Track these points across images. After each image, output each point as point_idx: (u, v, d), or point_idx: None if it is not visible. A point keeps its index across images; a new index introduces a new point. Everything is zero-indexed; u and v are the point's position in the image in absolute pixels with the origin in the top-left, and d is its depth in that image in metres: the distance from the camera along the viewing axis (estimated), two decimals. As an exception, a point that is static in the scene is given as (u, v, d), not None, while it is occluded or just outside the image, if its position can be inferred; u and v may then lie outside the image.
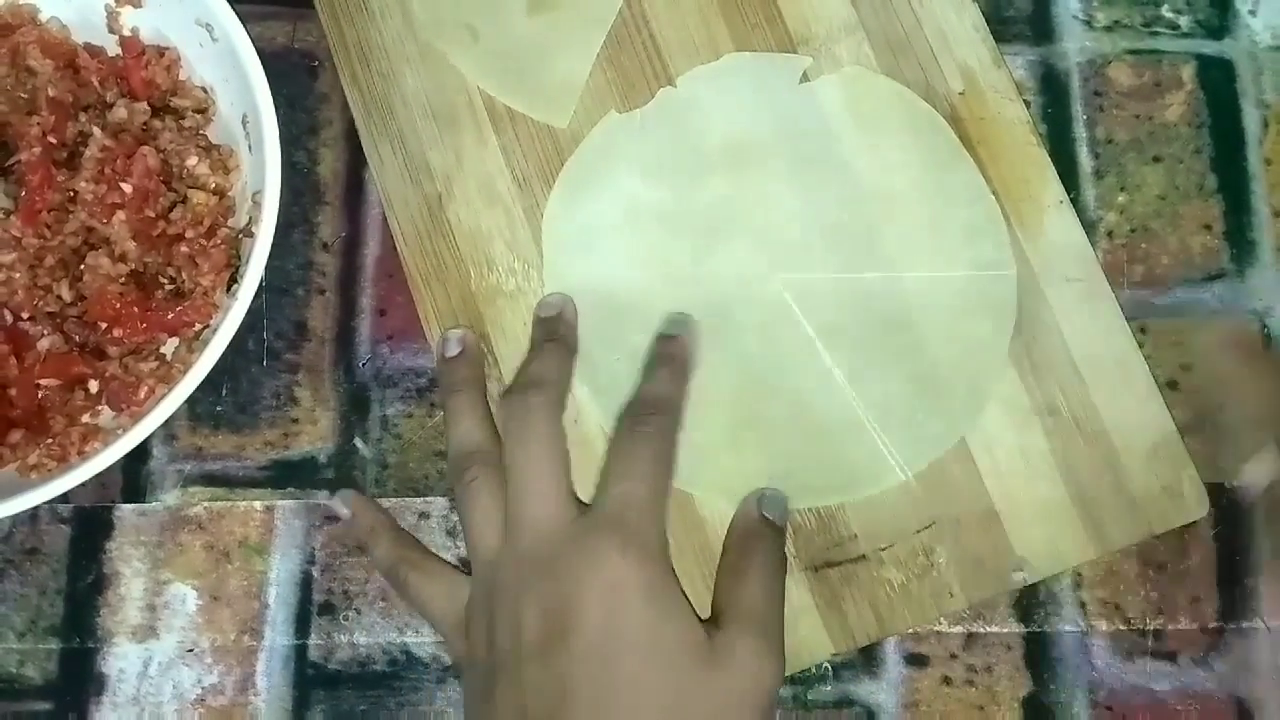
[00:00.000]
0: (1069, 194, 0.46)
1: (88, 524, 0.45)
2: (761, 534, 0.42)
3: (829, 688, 0.44)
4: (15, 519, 0.44)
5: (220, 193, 0.45)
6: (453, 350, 0.44)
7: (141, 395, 0.43)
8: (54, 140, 0.43)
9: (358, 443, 0.45)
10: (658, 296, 0.45)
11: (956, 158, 0.45)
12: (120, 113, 0.44)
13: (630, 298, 0.45)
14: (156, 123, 0.45)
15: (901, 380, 0.44)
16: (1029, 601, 0.44)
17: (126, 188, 0.43)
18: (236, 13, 0.43)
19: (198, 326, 0.44)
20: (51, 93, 0.44)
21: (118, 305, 0.43)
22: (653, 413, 0.42)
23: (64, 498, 0.41)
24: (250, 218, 0.44)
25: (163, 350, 0.44)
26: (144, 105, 0.44)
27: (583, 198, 0.46)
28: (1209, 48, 0.48)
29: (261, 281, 0.41)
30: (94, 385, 0.43)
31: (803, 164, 0.46)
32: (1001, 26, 0.48)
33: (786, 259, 0.45)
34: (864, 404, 0.44)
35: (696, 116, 0.46)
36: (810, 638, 0.43)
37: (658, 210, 0.46)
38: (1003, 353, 0.44)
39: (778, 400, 0.44)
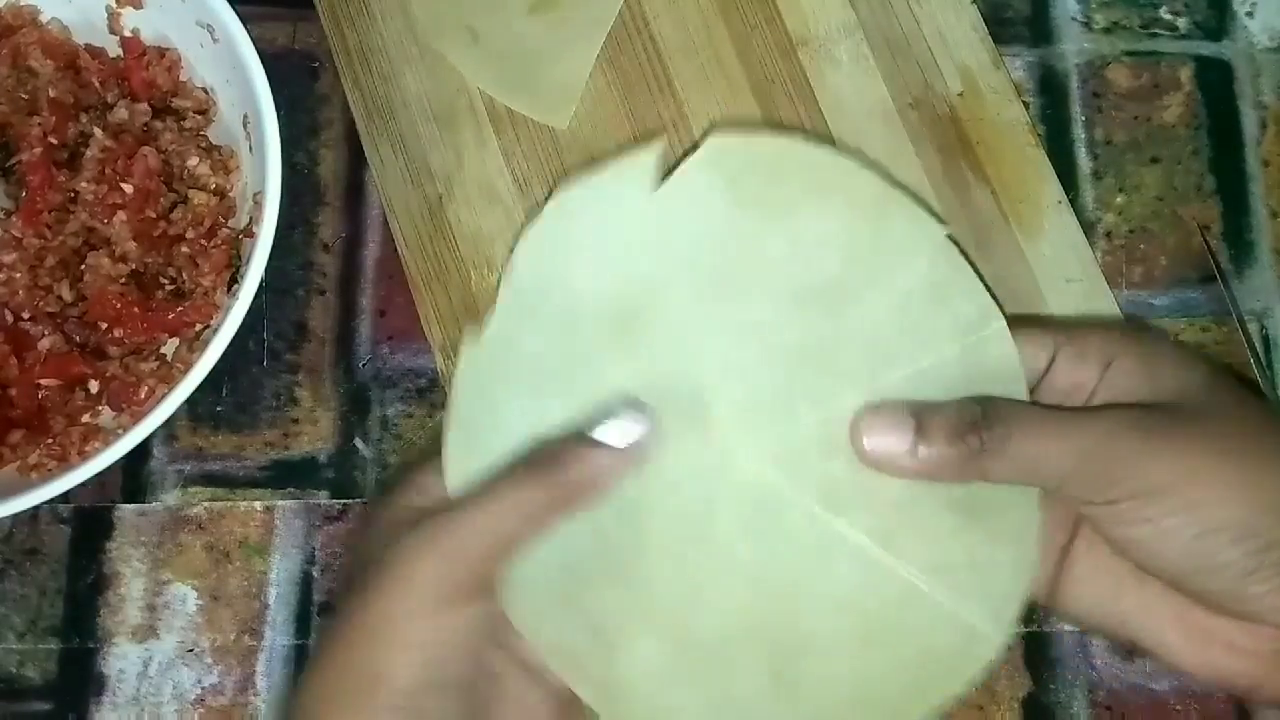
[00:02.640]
0: (1068, 195, 0.46)
1: (88, 524, 0.45)
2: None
3: (829, 688, 0.44)
4: (15, 519, 0.44)
5: (221, 193, 0.45)
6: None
7: (142, 395, 0.43)
8: (55, 141, 0.43)
9: (358, 443, 0.45)
10: (597, 548, 0.35)
11: (883, 197, 0.35)
12: (121, 113, 0.44)
13: (565, 558, 0.35)
14: (157, 123, 0.45)
15: (940, 513, 0.34)
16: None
17: (127, 188, 0.43)
18: (237, 14, 0.43)
19: (198, 327, 0.44)
20: (52, 93, 0.44)
21: (118, 305, 0.43)
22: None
23: (64, 498, 0.41)
24: (251, 218, 0.44)
25: (163, 350, 0.44)
26: (145, 106, 0.45)
27: (480, 443, 0.35)
28: (1207, 49, 0.49)
29: (262, 282, 0.41)
30: (94, 385, 0.43)
31: (706, 287, 0.35)
32: (1000, 28, 0.48)
33: (740, 426, 0.35)
34: (913, 568, 0.34)
35: (553, 288, 0.35)
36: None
37: (563, 429, 0.35)
38: None
39: (816, 612, 0.34)
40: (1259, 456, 0.34)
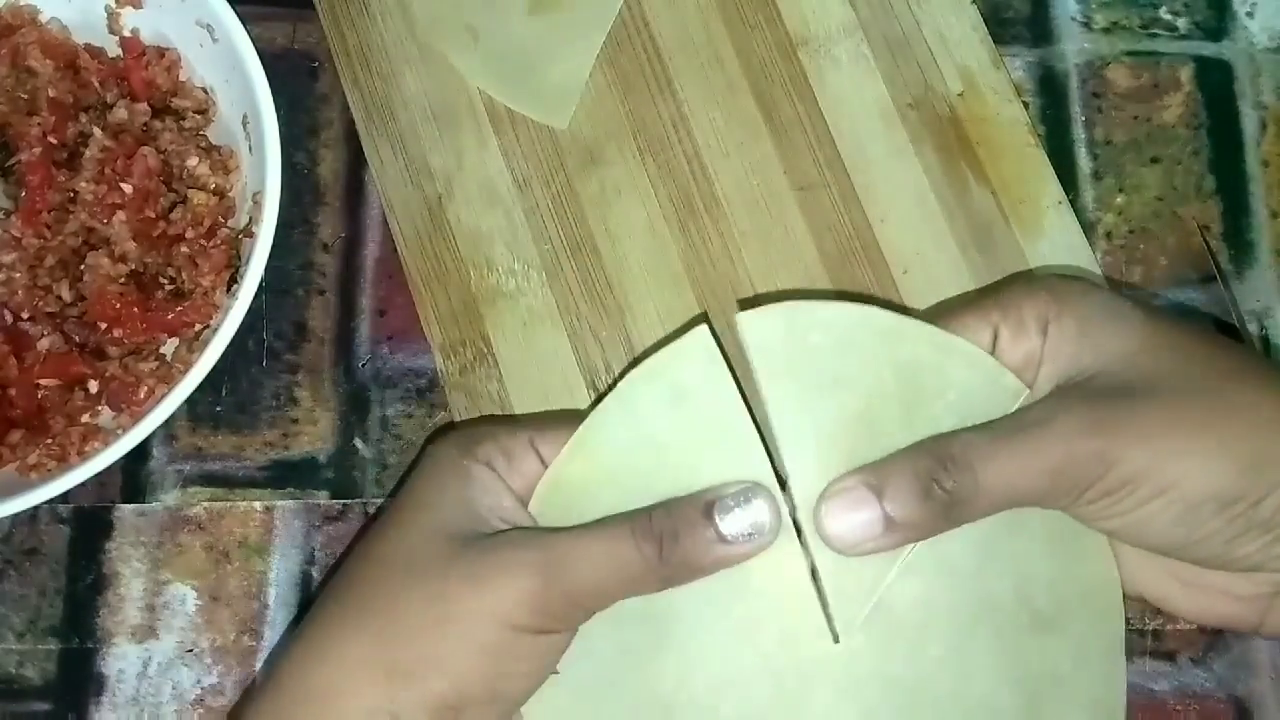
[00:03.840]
0: (1068, 195, 0.46)
1: (87, 524, 0.44)
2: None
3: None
4: (15, 519, 0.44)
5: (220, 193, 0.45)
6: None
7: (141, 395, 0.43)
8: (54, 141, 0.43)
9: (358, 443, 0.45)
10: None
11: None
12: (121, 113, 0.44)
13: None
14: (157, 123, 0.45)
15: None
16: (1028, 602, 0.44)
17: (127, 188, 0.43)
18: (237, 14, 0.43)
19: (198, 327, 0.44)
20: (52, 93, 0.44)
21: (118, 305, 0.43)
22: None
23: (64, 498, 0.41)
24: (250, 218, 0.44)
25: (163, 350, 0.44)
26: (144, 106, 0.45)
27: None
28: (1207, 49, 0.49)
29: (261, 282, 0.41)
30: (94, 385, 0.43)
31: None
32: (1000, 28, 0.48)
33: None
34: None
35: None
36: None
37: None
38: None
39: None
40: (1224, 413, 0.33)
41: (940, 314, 0.37)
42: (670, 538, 0.34)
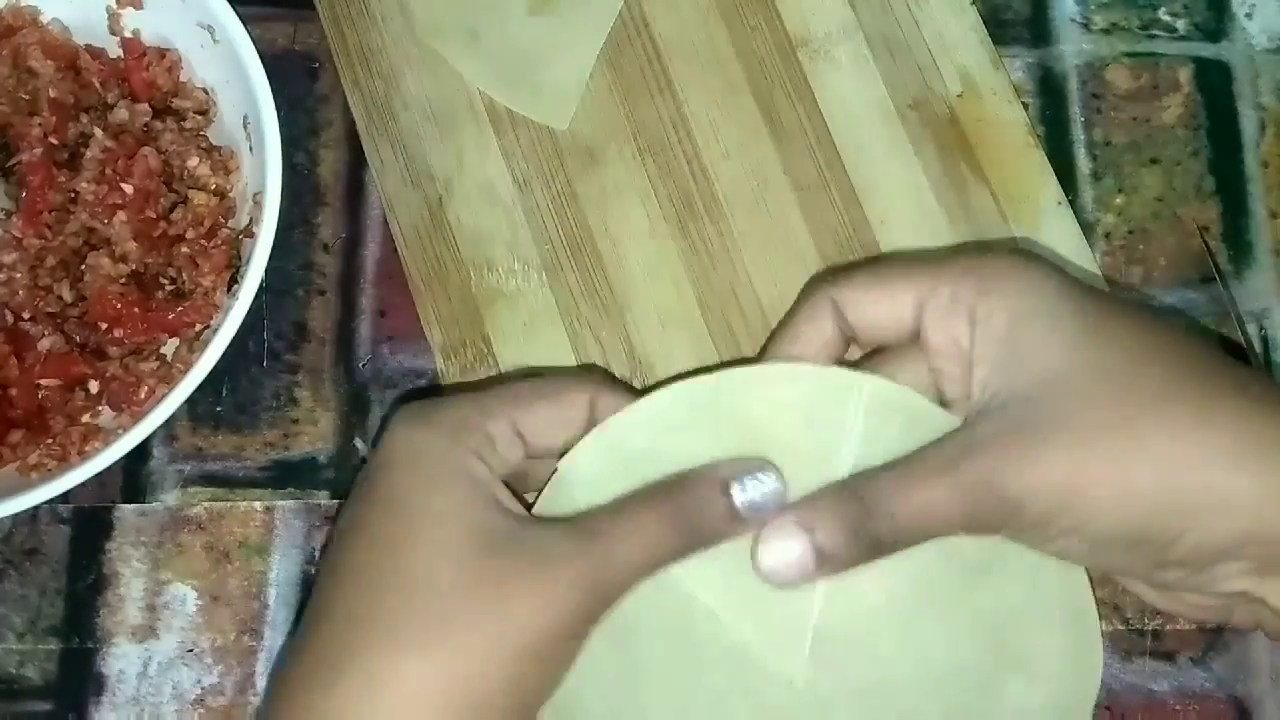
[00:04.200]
0: (1067, 196, 0.46)
1: (88, 524, 0.44)
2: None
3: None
4: (15, 519, 0.44)
5: (221, 194, 0.45)
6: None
7: (142, 395, 0.43)
8: (55, 141, 0.43)
9: (358, 443, 0.45)
10: None
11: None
12: (121, 114, 0.44)
13: None
14: (157, 124, 0.45)
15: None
16: (1028, 602, 0.44)
17: (127, 188, 0.43)
18: (238, 14, 0.43)
19: (198, 327, 0.44)
20: (53, 94, 0.44)
21: (118, 305, 0.43)
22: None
23: (64, 498, 0.41)
24: (251, 218, 0.44)
25: (163, 350, 0.44)
26: (145, 106, 0.45)
27: None
28: (1206, 51, 0.49)
29: (262, 282, 0.41)
30: (94, 385, 0.43)
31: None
32: (999, 29, 0.48)
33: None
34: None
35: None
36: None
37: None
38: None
39: None
40: (1134, 450, 0.32)
41: (873, 272, 0.37)
42: (697, 516, 0.34)
